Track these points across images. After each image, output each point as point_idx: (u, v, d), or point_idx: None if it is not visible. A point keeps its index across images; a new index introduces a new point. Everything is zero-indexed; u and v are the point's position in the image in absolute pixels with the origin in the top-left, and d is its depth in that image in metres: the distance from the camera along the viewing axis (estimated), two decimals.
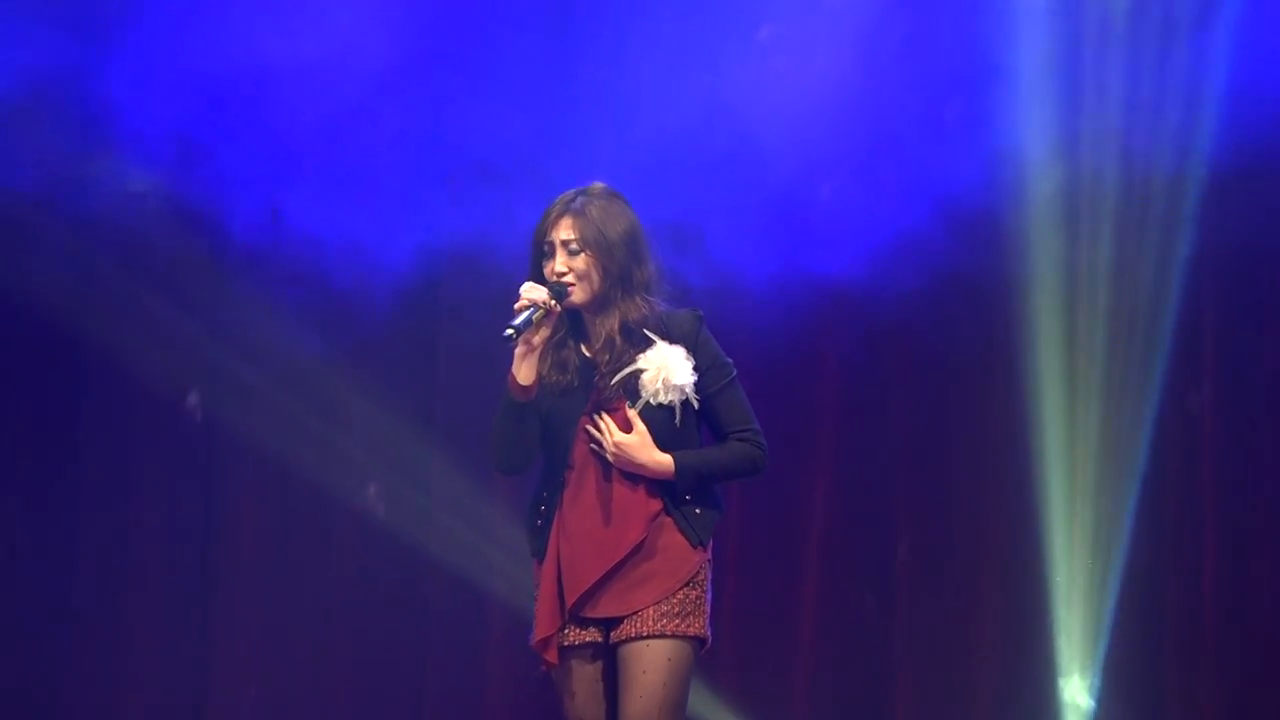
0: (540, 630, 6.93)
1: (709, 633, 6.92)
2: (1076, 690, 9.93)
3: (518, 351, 6.86)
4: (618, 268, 6.93)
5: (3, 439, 10.75)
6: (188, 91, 10.40)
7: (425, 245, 9.96)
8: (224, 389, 10.61)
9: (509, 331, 6.81)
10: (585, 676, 6.97)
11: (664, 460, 6.87)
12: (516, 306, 6.81)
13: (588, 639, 6.91)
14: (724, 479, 7.13)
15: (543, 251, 6.92)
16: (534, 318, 6.85)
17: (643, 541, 6.93)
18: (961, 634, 10.10)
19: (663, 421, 6.90)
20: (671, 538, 6.93)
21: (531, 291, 6.83)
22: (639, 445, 6.87)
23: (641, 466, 6.87)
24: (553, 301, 6.90)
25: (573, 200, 6.95)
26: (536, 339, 6.88)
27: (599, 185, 7.03)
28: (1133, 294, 9.87)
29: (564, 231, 6.90)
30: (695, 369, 6.91)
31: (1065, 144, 10.10)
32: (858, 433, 10.32)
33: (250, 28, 10.45)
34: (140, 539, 10.78)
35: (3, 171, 10.51)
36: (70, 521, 10.73)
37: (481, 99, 10.24)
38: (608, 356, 6.99)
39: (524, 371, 6.91)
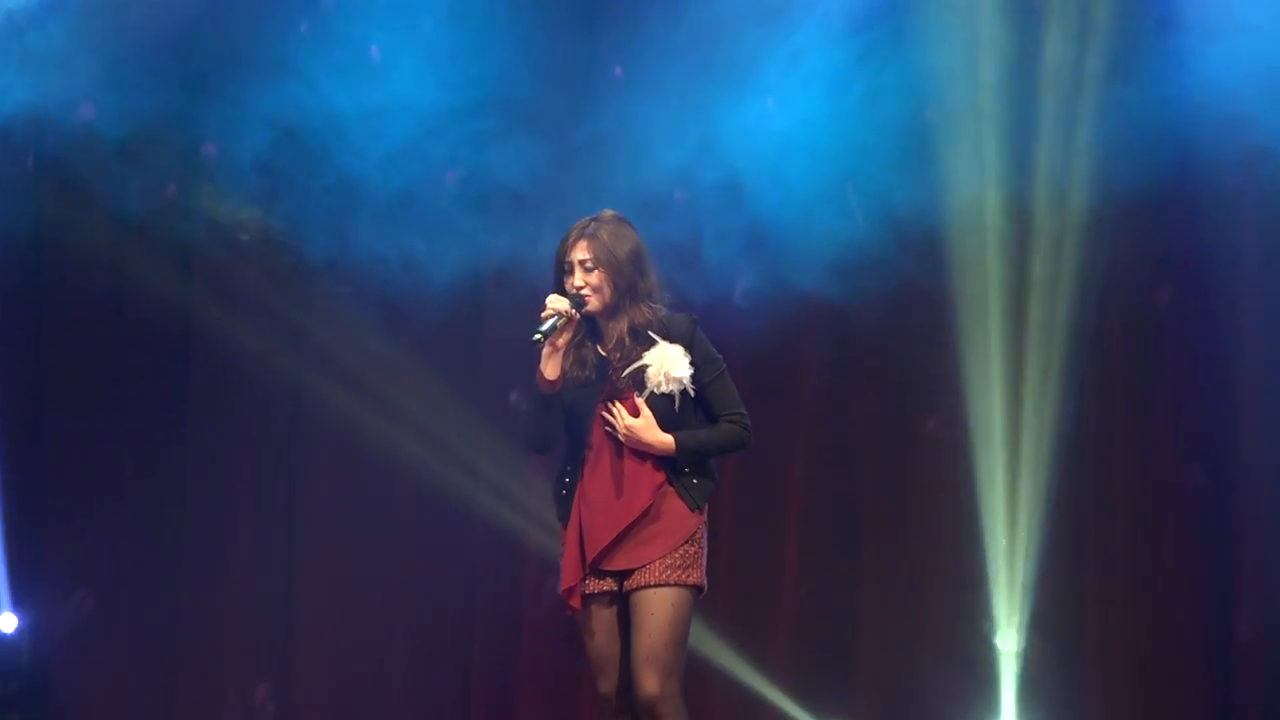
0: (566, 581, 7.74)
1: (705, 582, 7.72)
2: (1009, 636, 10.69)
3: (544, 352, 7.67)
4: (625, 281, 7.71)
5: (126, 423, 11.65)
6: (271, 133, 11.28)
7: (467, 262, 10.88)
8: (304, 380, 11.48)
9: (536, 336, 7.67)
10: (604, 620, 7.74)
11: (666, 440, 7.66)
12: (543, 315, 7.65)
13: (605, 588, 7.70)
14: (717, 454, 7.88)
15: (563, 269, 7.72)
16: (557, 324, 7.66)
17: (650, 507, 7.71)
18: (915, 586, 10.93)
19: (664, 408, 7.69)
20: (674, 504, 7.73)
21: (556, 303, 7.68)
22: (645, 427, 7.62)
23: (648, 445, 7.63)
24: (573, 311, 7.69)
25: (587, 226, 7.75)
26: (560, 341, 7.69)
27: (609, 212, 7.87)
28: (1056, 306, 10.76)
29: (580, 252, 7.70)
30: (692, 364, 7.71)
31: (1000, 177, 10.93)
32: (829, 419, 11.17)
33: (324, 80, 11.29)
34: (236, 497, 11.65)
35: (117, 200, 11.40)
36: (180, 491, 11.61)
37: (513, 139, 11.07)
38: (619, 354, 7.76)
39: (550, 369, 7.70)
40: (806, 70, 10.98)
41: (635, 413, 7.73)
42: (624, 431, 7.69)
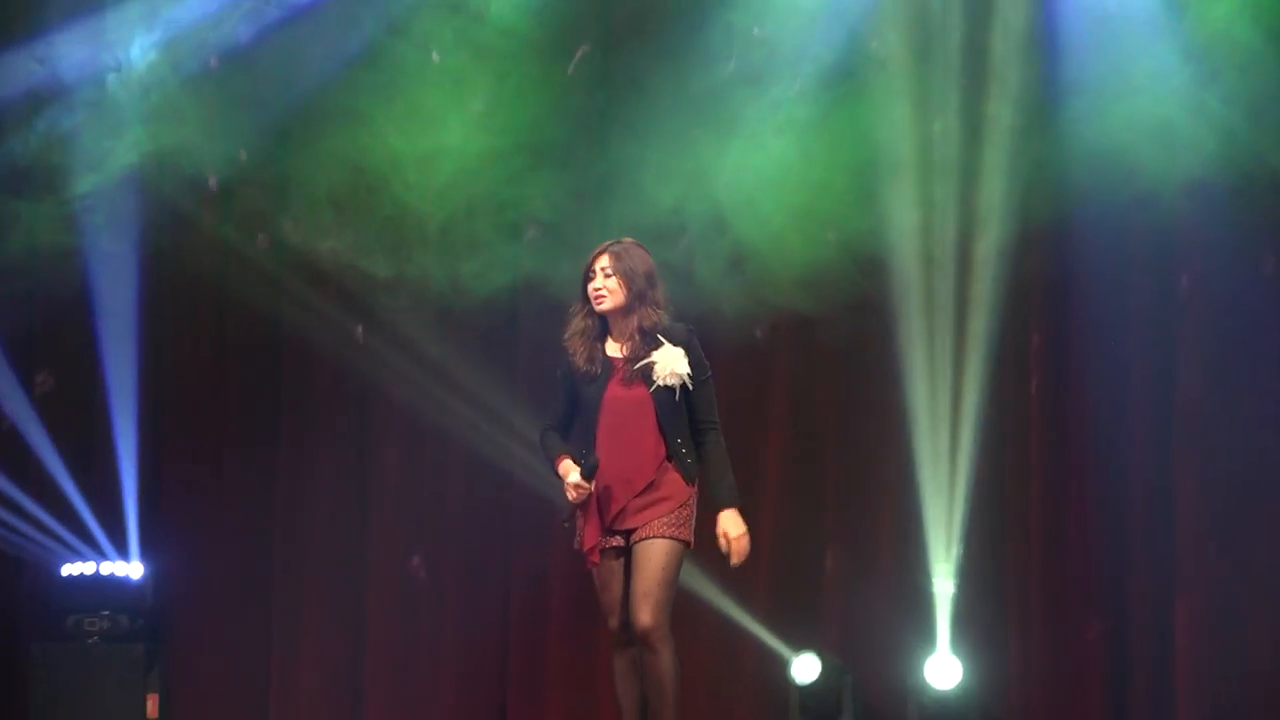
0: (588, 542, 8.44)
1: (692, 540, 8.42)
2: (943, 583, 11.54)
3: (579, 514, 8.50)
4: (636, 289, 8.45)
5: (230, 410, 12.63)
6: (342, 171, 12.09)
7: (502, 279, 11.69)
8: (371, 377, 12.28)
9: (565, 523, 8.59)
10: (614, 570, 8.46)
11: (740, 521, 8.39)
12: (570, 498, 8.43)
13: (615, 544, 8.44)
14: (731, 475, 8.47)
15: (589, 275, 8.48)
16: (575, 503, 8.43)
17: (653, 480, 8.42)
18: (868, 543, 11.87)
19: (666, 398, 8.40)
20: (672, 476, 8.43)
21: (572, 475, 8.39)
22: (742, 537, 8.37)
23: (746, 542, 8.37)
24: (586, 485, 8.37)
25: (612, 244, 8.54)
26: (581, 496, 8.43)
27: (630, 239, 8.63)
28: (983, 315, 11.58)
29: (603, 261, 8.48)
30: (691, 363, 8.43)
31: (939, 210, 11.77)
32: (798, 407, 12.12)
33: (384, 126, 12.12)
34: (316, 471, 12.57)
35: (218, 230, 12.35)
36: (271, 467, 12.59)
37: (540, 177, 11.92)
38: (629, 349, 8.49)
39: (571, 495, 8.46)
40: (781, 120, 11.78)
41: (644, 398, 8.39)
42: (740, 555, 8.41)
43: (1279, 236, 11.41)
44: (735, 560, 8.38)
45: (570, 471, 8.39)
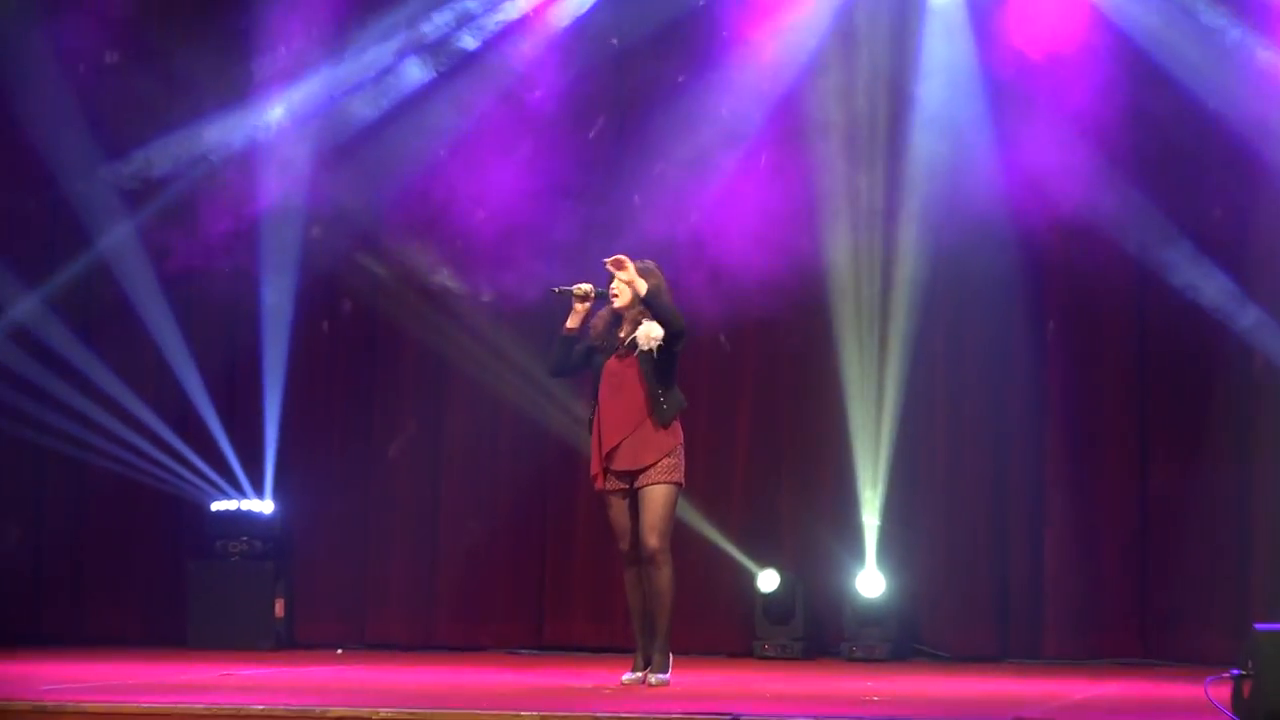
0: (593, 468, 8.81)
1: (683, 480, 8.79)
2: (870, 514, 11.79)
3: (573, 311, 8.71)
4: (639, 295, 8.73)
5: (336, 392, 12.72)
6: (423, 209, 12.28)
7: (542, 286, 10.37)
8: (448, 356, 12.36)
9: (556, 289, 8.81)
10: (621, 506, 8.83)
11: (642, 284, 8.49)
12: (574, 287, 8.74)
13: (621, 487, 8.76)
14: (669, 310, 8.59)
15: (610, 278, 8.78)
16: (573, 292, 8.72)
17: (639, 424, 8.70)
18: (816, 487, 12.08)
19: (647, 360, 8.69)
20: (654, 423, 8.69)
21: (584, 286, 8.78)
22: (631, 275, 8.49)
23: (634, 280, 8.48)
24: (592, 294, 8.70)
25: (634, 262, 8.78)
26: (580, 306, 8.73)
27: (651, 261, 8.90)
28: (897, 320, 11.82)
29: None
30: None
31: (875, 237, 11.95)
32: (763, 388, 12.26)
33: (452, 170, 12.26)
34: (400, 435, 12.63)
35: (331, 259, 12.42)
36: (369, 427, 12.68)
37: (568, 211, 12.02)
38: (629, 332, 8.78)
39: (570, 321, 8.78)
40: (750, 169, 11.97)
41: (633, 366, 8.64)
42: (626, 277, 8.53)
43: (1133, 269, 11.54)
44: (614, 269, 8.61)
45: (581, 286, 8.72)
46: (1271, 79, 11.34)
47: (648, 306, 8.66)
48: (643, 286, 8.64)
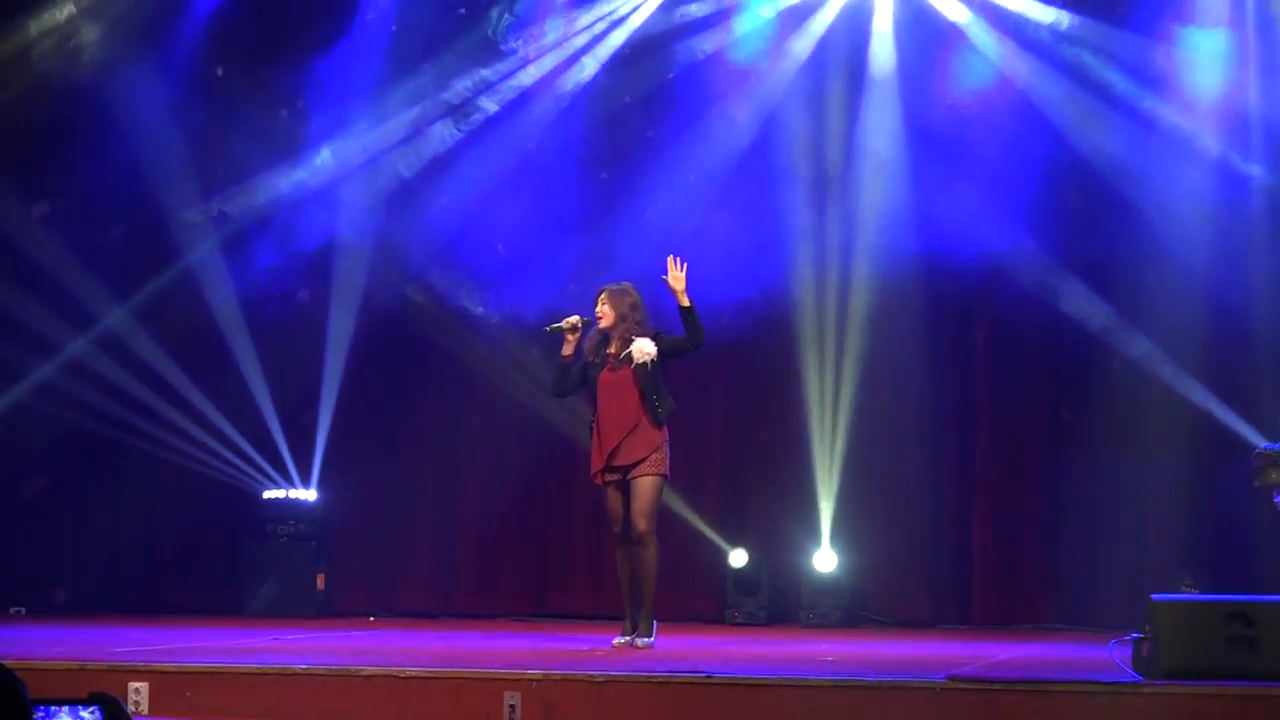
0: (594, 467, 8.76)
1: (669, 473, 8.75)
2: (825, 500, 11.78)
3: (566, 341, 8.67)
4: (621, 313, 8.75)
5: (368, 400, 12.53)
6: (442, 248, 12.24)
7: (544, 306, 11.15)
8: (465, 365, 12.31)
9: (549, 328, 8.81)
10: (616, 496, 8.78)
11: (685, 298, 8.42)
12: (562, 321, 8.74)
13: (615, 479, 8.73)
14: (700, 322, 8.55)
15: (595, 302, 8.79)
16: (563, 327, 8.68)
17: (634, 426, 8.65)
18: (780, 477, 11.98)
19: (643, 372, 8.62)
20: (647, 424, 8.65)
21: (570, 319, 8.73)
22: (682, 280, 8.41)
23: (683, 286, 8.42)
24: (580, 324, 8.66)
25: (611, 285, 8.90)
26: (571, 337, 8.67)
27: (628, 283, 8.91)
28: (852, 337, 11.80)
29: (603, 295, 8.81)
30: (657, 345, 8.62)
31: (815, 275, 11.89)
32: (734, 395, 12.28)
33: (466, 217, 12.27)
34: (428, 432, 12.58)
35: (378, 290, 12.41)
36: (399, 431, 12.70)
37: (569, 242, 11.90)
38: (618, 349, 8.73)
39: (565, 350, 8.74)
40: (723, 210, 11.85)
41: (629, 377, 8.55)
42: (679, 277, 8.44)
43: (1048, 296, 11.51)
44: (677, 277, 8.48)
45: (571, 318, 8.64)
46: (1153, 130, 11.47)
47: (687, 319, 8.63)
48: (686, 300, 8.61)
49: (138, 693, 7.23)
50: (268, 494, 12.47)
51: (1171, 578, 10.76)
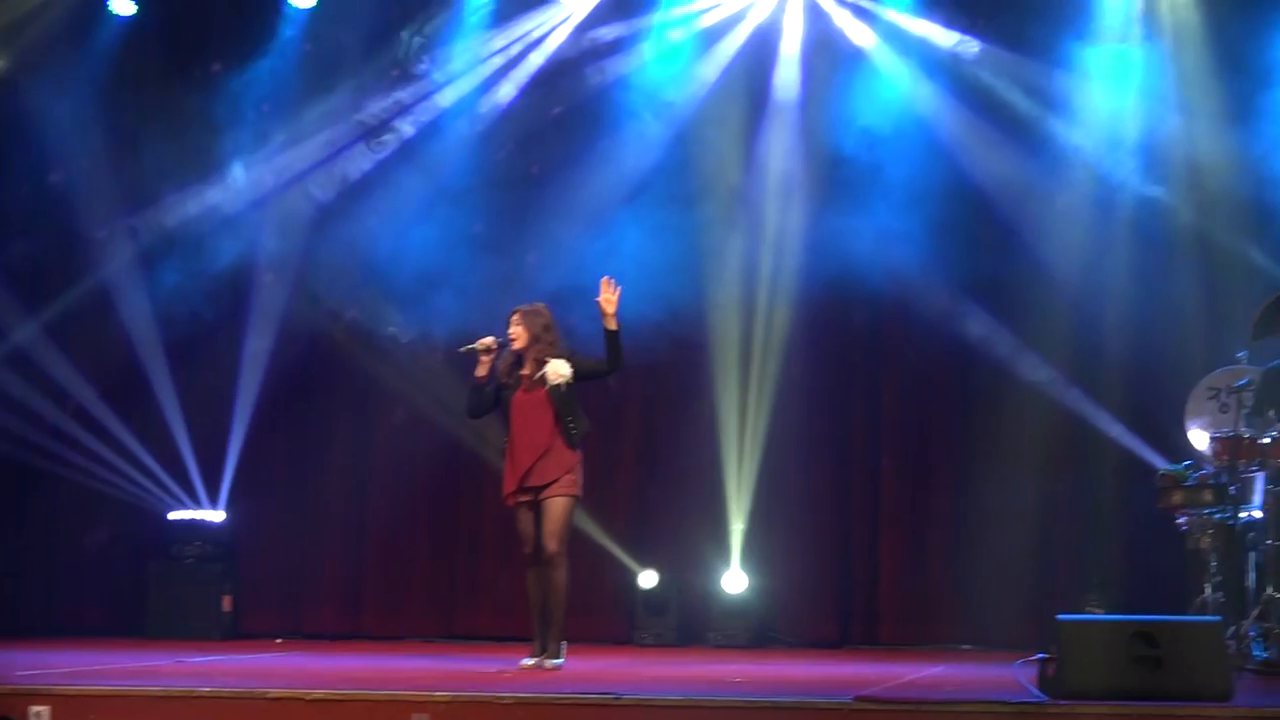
0: (506, 489, 8.76)
1: (580, 493, 8.77)
2: (736, 522, 11.78)
3: (480, 362, 8.67)
4: (534, 334, 8.78)
5: (279, 422, 12.40)
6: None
7: (452, 330, 10.95)
8: (373, 394, 12.29)
9: (463, 349, 8.74)
10: (528, 517, 8.77)
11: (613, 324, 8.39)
12: (477, 342, 8.64)
13: (527, 499, 8.74)
14: (620, 347, 8.54)
15: (507, 323, 8.79)
16: (476, 348, 8.65)
17: (548, 448, 8.67)
18: (691, 496, 11.93)
19: (558, 394, 8.64)
20: (561, 445, 8.68)
21: (485, 340, 8.70)
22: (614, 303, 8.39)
23: (614, 310, 8.37)
24: (494, 345, 8.63)
25: (524, 306, 8.91)
26: (485, 358, 8.66)
27: (541, 304, 8.94)
28: (770, 359, 11.73)
29: (515, 316, 8.82)
30: (572, 366, 8.62)
31: (722, 293, 11.90)
32: (647, 411, 12.30)
33: (378, 230, 12.11)
34: (337, 453, 12.53)
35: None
36: (307, 453, 12.54)
37: (483, 263, 11.79)
38: (532, 370, 8.75)
39: (479, 371, 8.71)
40: (625, 225, 11.82)
41: (544, 398, 8.54)
42: (611, 299, 8.44)
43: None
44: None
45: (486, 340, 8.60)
46: (1056, 153, 11.62)
47: (611, 342, 8.61)
48: (614, 324, 8.59)
49: (39, 716, 7.16)
50: (174, 514, 12.34)
51: (1077, 598, 10.87)
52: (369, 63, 12.45)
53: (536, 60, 12.43)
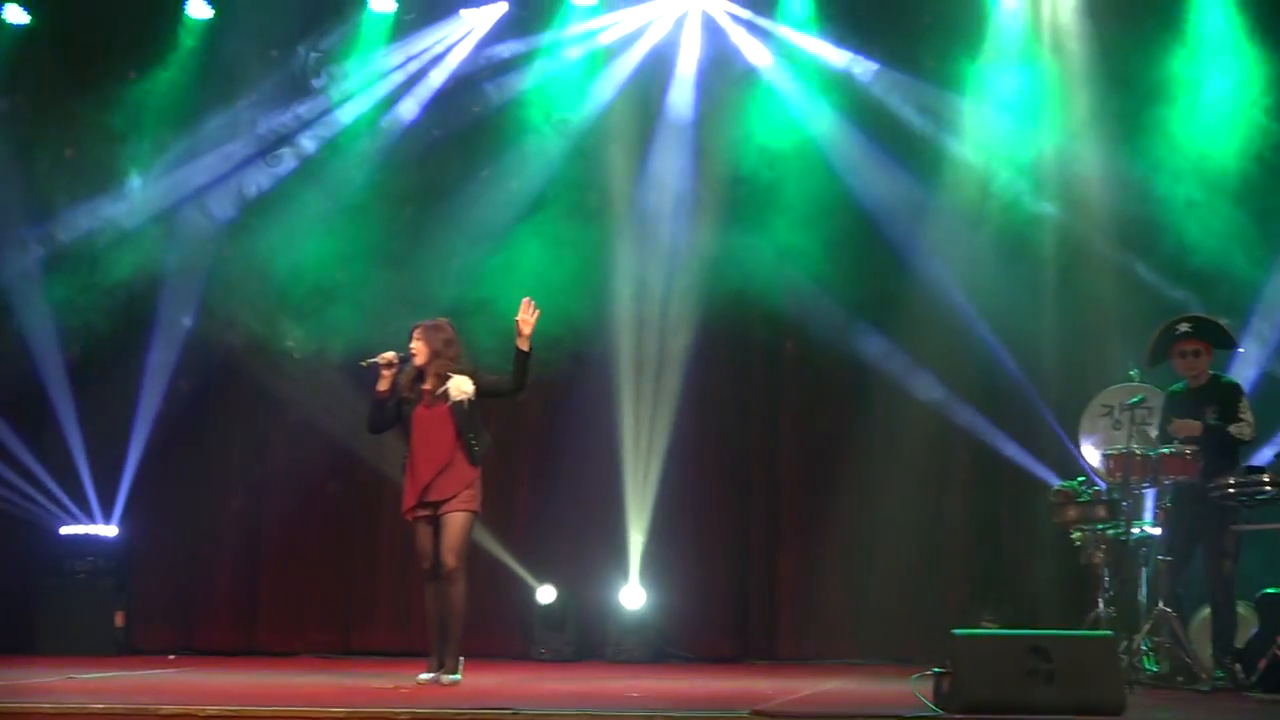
0: (406, 504, 8.63)
1: (479, 509, 8.62)
2: (637, 535, 11.83)
3: (382, 377, 8.52)
4: (435, 349, 8.66)
5: (171, 448, 12.27)
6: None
7: (348, 343, 11.09)
8: (268, 406, 12.14)
9: (364, 363, 8.58)
10: (426, 532, 8.64)
11: (526, 344, 8.29)
12: (378, 357, 8.48)
13: (427, 514, 8.61)
14: (528, 367, 8.43)
15: (409, 339, 8.63)
16: (379, 363, 8.52)
17: (448, 463, 8.55)
18: (591, 509, 12.01)
19: (460, 410, 8.54)
20: (462, 460, 8.57)
21: (386, 355, 8.55)
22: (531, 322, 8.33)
23: (529, 330, 8.30)
24: (396, 360, 8.49)
25: (425, 321, 8.76)
26: (387, 372, 8.51)
27: (444, 319, 8.78)
28: (669, 371, 11.82)
29: (416, 332, 8.69)
30: (475, 383, 8.54)
31: (621, 308, 11.94)
32: (545, 429, 12.24)
33: (278, 244, 11.96)
34: (227, 470, 12.44)
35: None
36: (195, 471, 12.38)
37: (378, 276, 11.73)
38: (434, 385, 8.63)
39: (380, 385, 8.58)
40: (523, 240, 11.82)
41: (446, 418, 8.43)
42: (530, 320, 8.38)
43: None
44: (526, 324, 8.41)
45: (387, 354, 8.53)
46: (948, 171, 11.74)
47: (520, 362, 8.57)
48: (527, 346, 8.55)
49: None
50: (66, 529, 12.21)
51: (972, 613, 10.91)
52: (268, 77, 12.39)
53: (437, 76, 12.47)
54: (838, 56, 12.06)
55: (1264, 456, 10.16)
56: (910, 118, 11.87)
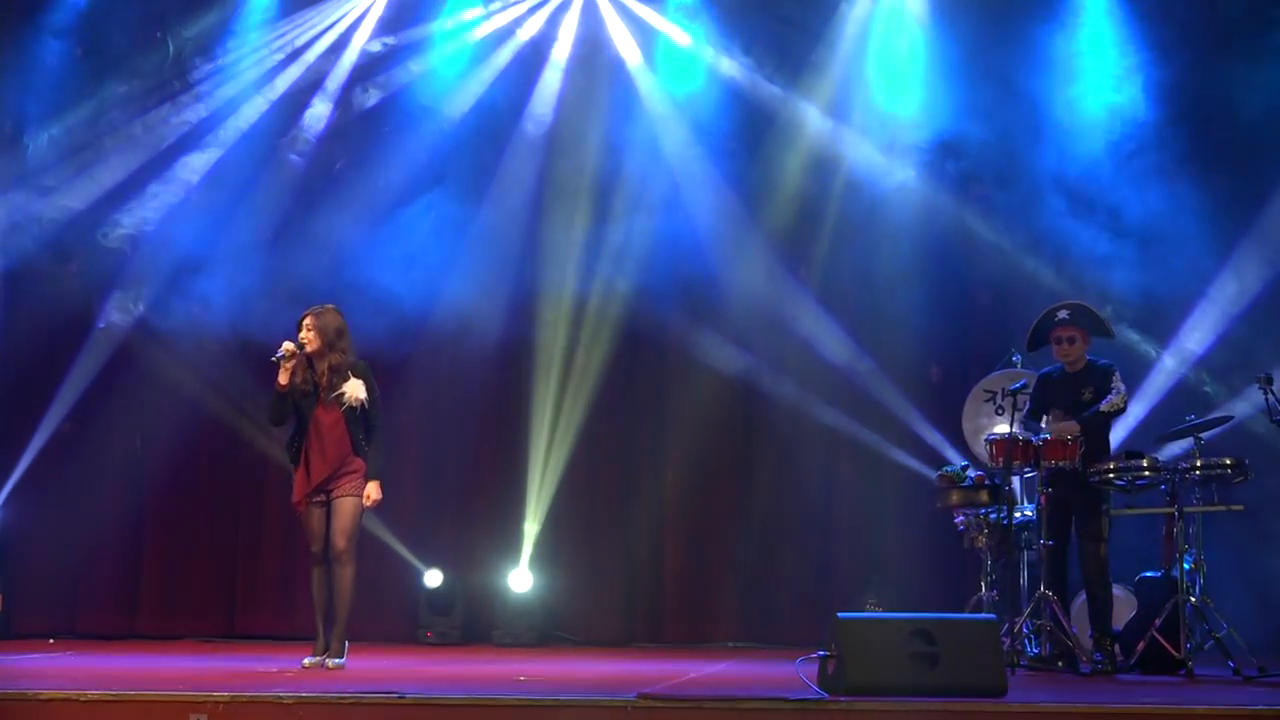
0: (296, 496, 8.68)
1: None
2: (532, 522, 11.87)
3: (282, 370, 8.52)
4: (328, 339, 8.67)
5: (54, 436, 12.04)
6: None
7: (235, 326, 11.50)
8: (147, 393, 11.95)
9: (274, 358, 8.56)
10: (318, 515, 8.68)
11: (374, 486, 8.49)
12: (280, 350, 8.50)
13: (320, 499, 8.67)
14: (381, 461, 8.60)
15: (298, 328, 8.64)
16: (284, 354, 8.52)
17: (341, 464, 8.64)
18: (493, 498, 11.95)
19: (351, 415, 8.61)
20: (356, 461, 8.67)
21: (288, 345, 8.57)
22: (378, 500, 8.51)
23: (378, 492, 8.49)
24: (295, 351, 8.55)
25: (315, 308, 8.72)
26: (288, 365, 8.53)
27: (331, 305, 8.75)
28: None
29: (307, 320, 8.67)
30: (367, 389, 8.61)
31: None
32: (429, 419, 12.06)
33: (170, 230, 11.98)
34: (108, 456, 12.11)
35: None
36: (68, 458, 12.11)
37: (262, 264, 11.71)
38: (325, 380, 8.65)
39: (281, 378, 8.57)
40: (408, 231, 11.88)
41: (336, 417, 8.53)
42: (375, 504, 8.54)
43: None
44: (371, 506, 8.59)
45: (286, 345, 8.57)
46: (829, 160, 11.84)
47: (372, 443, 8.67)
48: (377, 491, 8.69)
49: None
50: None
51: (857, 597, 10.98)
52: (143, 67, 12.33)
53: (315, 64, 12.46)
54: (714, 50, 12.16)
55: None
56: (794, 107, 11.99)
